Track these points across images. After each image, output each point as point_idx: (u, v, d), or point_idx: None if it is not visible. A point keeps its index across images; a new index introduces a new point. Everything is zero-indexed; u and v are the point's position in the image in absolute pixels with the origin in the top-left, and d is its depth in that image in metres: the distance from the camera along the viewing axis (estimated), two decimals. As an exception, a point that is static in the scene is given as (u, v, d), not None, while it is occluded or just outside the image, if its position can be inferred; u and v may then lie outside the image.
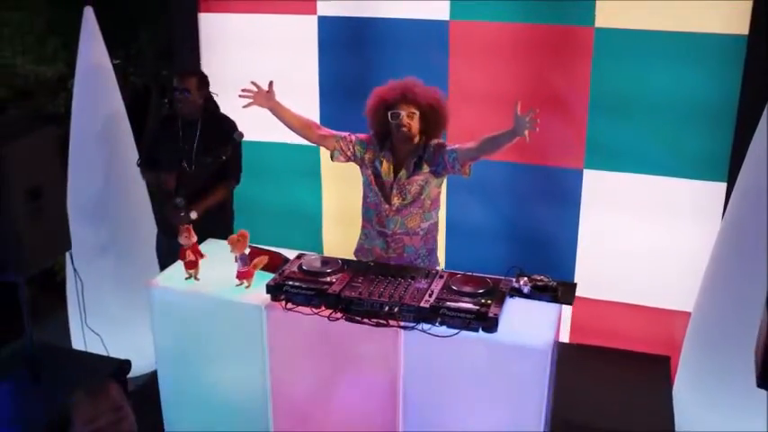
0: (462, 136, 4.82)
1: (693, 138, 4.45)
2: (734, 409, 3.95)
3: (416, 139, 3.85)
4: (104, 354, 4.50)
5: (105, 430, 2.59)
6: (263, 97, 3.95)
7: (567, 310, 5.03)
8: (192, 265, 3.54)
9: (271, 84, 3.95)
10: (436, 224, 4.10)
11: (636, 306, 4.86)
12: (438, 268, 3.85)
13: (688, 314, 4.44)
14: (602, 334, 5.00)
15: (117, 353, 4.45)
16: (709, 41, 4.28)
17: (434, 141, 3.91)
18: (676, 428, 4.36)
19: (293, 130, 4.14)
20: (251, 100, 3.94)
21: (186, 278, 3.54)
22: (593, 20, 4.43)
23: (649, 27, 4.36)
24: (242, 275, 3.40)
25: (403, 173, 3.86)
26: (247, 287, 3.40)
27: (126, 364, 4.41)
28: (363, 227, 4.09)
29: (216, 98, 4.55)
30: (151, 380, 4.13)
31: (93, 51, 4.64)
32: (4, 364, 4.47)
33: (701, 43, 4.30)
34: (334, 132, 4.07)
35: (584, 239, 4.86)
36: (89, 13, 4.57)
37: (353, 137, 4.02)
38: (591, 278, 4.92)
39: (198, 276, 3.53)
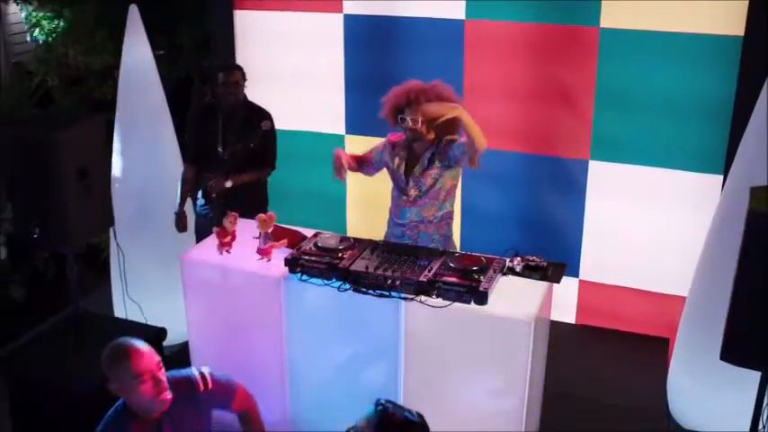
0: (480, 129, 5.13)
1: (692, 132, 4.68)
2: (724, 387, 4.17)
3: (431, 137, 4.09)
4: (143, 322, 4.89)
5: None
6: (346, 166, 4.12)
7: (573, 292, 5.36)
8: (225, 245, 3.91)
9: (347, 157, 4.14)
10: (451, 213, 4.34)
11: (638, 290, 5.11)
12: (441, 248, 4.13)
13: (685, 298, 4.67)
14: (606, 316, 5.27)
15: (154, 321, 4.82)
16: (707, 42, 4.50)
17: (448, 137, 4.13)
18: (670, 405, 4.62)
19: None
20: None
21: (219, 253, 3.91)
22: (598, 20, 4.68)
23: (651, 28, 4.59)
24: (262, 252, 3.77)
25: (418, 167, 4.13)
26: (268, 261, 3.77)
27: (162, 332, 4.79)
28: (389, 218, 4.41)
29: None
30: (185, 348, 4.49)
31: (136, 44, 4.98)
32: (54, 330, 4.90)
33: (700, 43, 4.52)
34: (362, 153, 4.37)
35: (589, 226, 5.12)
36: (134, 10, 4.93)
37: (371, 152, 4.32)
38: (595, 263, 5.20)
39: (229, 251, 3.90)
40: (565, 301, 5.34)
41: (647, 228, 4.96)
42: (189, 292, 3.96)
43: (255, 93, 5.00)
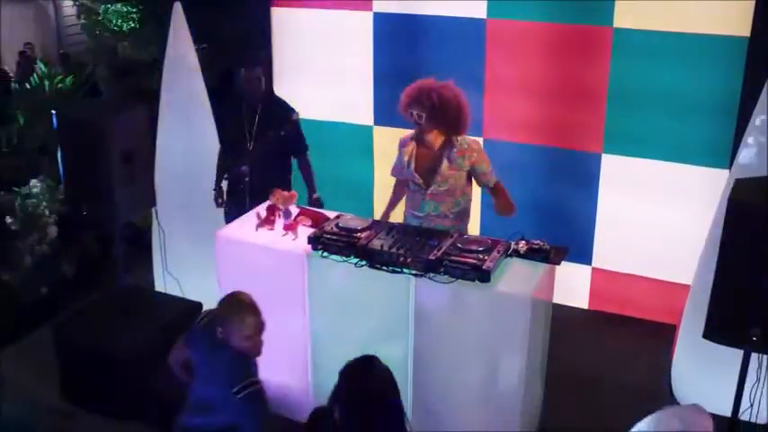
0: (498, 122, 5.45)
1: (700, 129, 4.91)
2: (723, 371, 4.39)
3: (435, 135, 4.40)
4: (180, 296, 5.26)
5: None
6: None
7: (586, 279, 5.60)
8: (270, 222, 4.24)
9: None
10: (467, 210, 4.63)
11: (648, 278, 5.35)
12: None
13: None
14: (618, 302, 5.52)
15: (191, 296, 5.19)
16: (715, 42, 4.73)
17: (465, 145, 4.42)
18: (673, 387, 4.83)
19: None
20: None
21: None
22: (612, 20, 4.93)
23: (662, 28, 4.84)
24: (287, 227, 4.11)
25: (442, 164, 4.42)
26: (294, 239, 4.11)
27: (197, 306, 5.16)
28: (405, 212, 4.71)
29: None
30: None
31: (179, 39, 5.32)
32: (100, 302, 5.28)
33: (708, 43, 4.75)
34: (393, 172, 4.72)
35: (601, 217, 5.38)
36: (178, 7, 5.28)
37: (395, 167, 4.65)
38: (608, 252, 5.46)
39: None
40: (578, 288, 5.61)
41: (657, 219, 5.19)
42: (222, 267, 4.32)
43: (290, 85, 5.35)
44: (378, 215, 5.87)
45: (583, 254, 5.48)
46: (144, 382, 4.71)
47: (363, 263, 3.78)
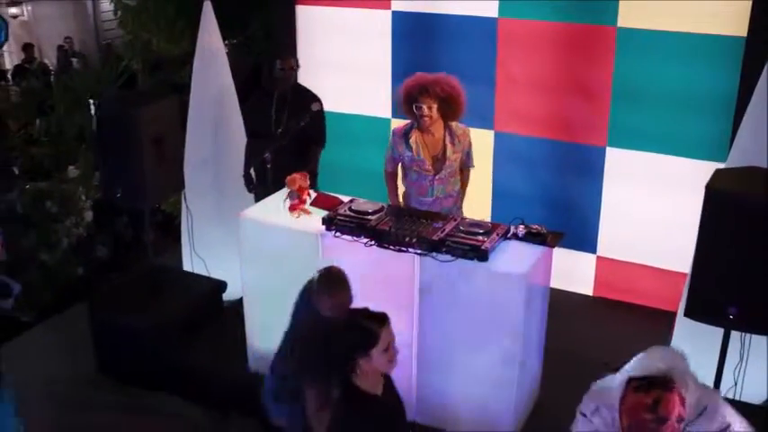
0: (509, 115, 5.74)
1: (699, 124, 5.14)
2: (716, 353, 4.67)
3: (440, 124, 4.72)
4: (206, 275, 5.60)
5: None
6: None
7: (591, 267, 5.86)
8: (300, 204, 4.54)
9: None
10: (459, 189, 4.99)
11: (650, 267, 5.58)
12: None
13: (688, 275, 5.14)
14: (621, 289, 5.76)
15: (216, 275, 5.56)
16: (713, 41, 4.96)
17: (461, 131, 4.77)
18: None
19: None
20: None
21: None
22: (616, 20, 5.18)
23: (664, 28, 5.07)
24: (292, 208, 4.45)
25: (445, 149, 4.75)
26: (297, 217, 4.44)
27: (222, 285, 5.51)
28: (407, 200, 4.99)
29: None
30: (241, 304, 5.00)
31: (209, 35, 5.62)
32: (132, 280, 5.63)
33: (708, 43, 4.98)
34: (390, 167, 5.05)
35: (606, 207, 5.62)
36: (208, 5, 5.59)
37: (388, 152, 4.96)
38: (612, 241, 5.71)
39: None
40: (584, 275, 5.87)
41: (658, 209, 5.42)
42: (244, 246, 4.64)
43: (313, 79, 5.66)
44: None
45: (588, 243, 5.75)
46: (170, 354, 5.08)
47: (372, 243, 4.08)
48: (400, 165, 4.99)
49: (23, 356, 5.46)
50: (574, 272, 5.86)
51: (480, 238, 3.96)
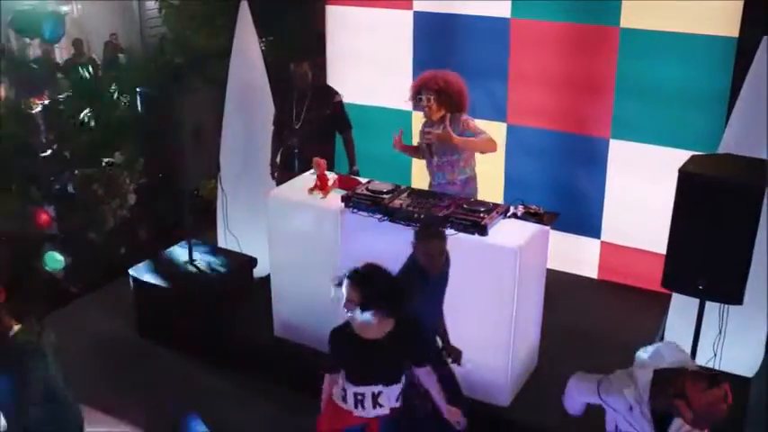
0: (520, 109, 6.15)
1: (695, 118, 5.50)
2: (707, 333, 5.02)
3: (441, 113, 5.11)
4: (239, 251, 6.11)
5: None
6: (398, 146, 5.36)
7: (596, 252, 6.25)
8: (323, 184, 5.00)
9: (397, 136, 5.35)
10: (473, 178, 5.31)
11: (650, 252, 5.90)
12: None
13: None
14: (623, 273, 6.14)
15: (247, 251, 6.05)
16: (708, 41, 5.34)
17: (463, 117, 5.10)
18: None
19: None
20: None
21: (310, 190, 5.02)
22: (619, 21, 5.57)
23: (663, 29, 5.46)
24: (310, 190, 4.97)
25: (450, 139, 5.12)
26: (322, 197, 4.92)
27: (253, 260, 6.00)
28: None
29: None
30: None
31: (245, 34, 6.11)
32: (171, 255, 6.14)
33: (703, 42, 5.35)
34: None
35: (609, 195, 6.02)
36: (244, 5, 6.08)
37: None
38: (615, 227, 6.09)
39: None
40: (589, 259, 6.27)
41: (657, 198, 5.68)
42: (272, 221, 5.14)
43: (340, 73, 6.13)
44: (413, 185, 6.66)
45: (592, 228, 6.15)
46: (204, 321, 5.60)
47: (385, 218, 4.55)
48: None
49: (71, 321, 6.01)
50: (580, 256, 6.26)
51: (481, 215, 4.40)
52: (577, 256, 6.26)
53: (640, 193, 5.87)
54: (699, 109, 5.49)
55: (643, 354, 3.39)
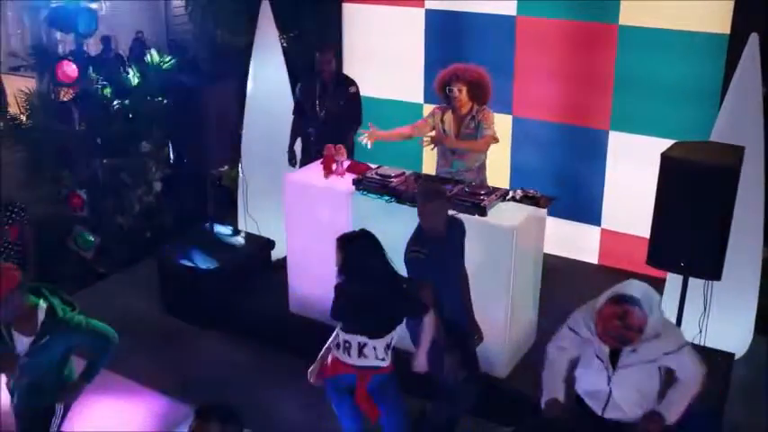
0: (525, 102, 6.46)
1: (689, 110, 5.78)
2: (696, 312, 5.31)
3: (469, 105, 5.44)
4: (258, 234, 6.48)
5: None
6: (373, 136, 5.59)
7: (596, 238, 6.54)
8: (334, 168, 5.36)
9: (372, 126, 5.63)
10: (484, 164, 5.69)
11: (646, 238, 6.18)
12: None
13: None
14: (622, 258, 6.36)
15: (266, 234, 6.42)
16: (702, 38, 5.62)
17: (485, 109, 5.45)
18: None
19: (406, 139, 5.83)
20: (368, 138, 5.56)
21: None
22: (617, 19, 5.88)
23: (660, 26, 5.75)
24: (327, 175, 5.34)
25: (464, 129, 5.49)
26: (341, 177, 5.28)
27: (271, 242, 6.38)
28: (436, 170, 5.76)
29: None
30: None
31: (266, 30, 6.51)
32: (195, 235, 6.51)
33: (696, 39, 5.64)
34: (420, 122, 5.74)
35: (609, 184, 6.32)
36: (266, 4, 6.47)
37: (429, 117, 5.66)
38: (614, 215, 6.39)
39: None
40: (590, 246, 6.58)
41: (654, 186, 6.01)
42: (287, 203, 5.51)
43: (355, 68, 6.47)
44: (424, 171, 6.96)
45: (593, 216, 6.46)
46: (224, 299, 5.97)
47: (392, 200, 4.90)
48: (432, 144, 5.68)
49: (100, 299, 6.39)
50: (581, 242, 6.57)
51: (481, 198, 4.74)
52: (578, 242, 6.57)
53: (638, 182, 6.08)
54: (693, 102, 5.77)
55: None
